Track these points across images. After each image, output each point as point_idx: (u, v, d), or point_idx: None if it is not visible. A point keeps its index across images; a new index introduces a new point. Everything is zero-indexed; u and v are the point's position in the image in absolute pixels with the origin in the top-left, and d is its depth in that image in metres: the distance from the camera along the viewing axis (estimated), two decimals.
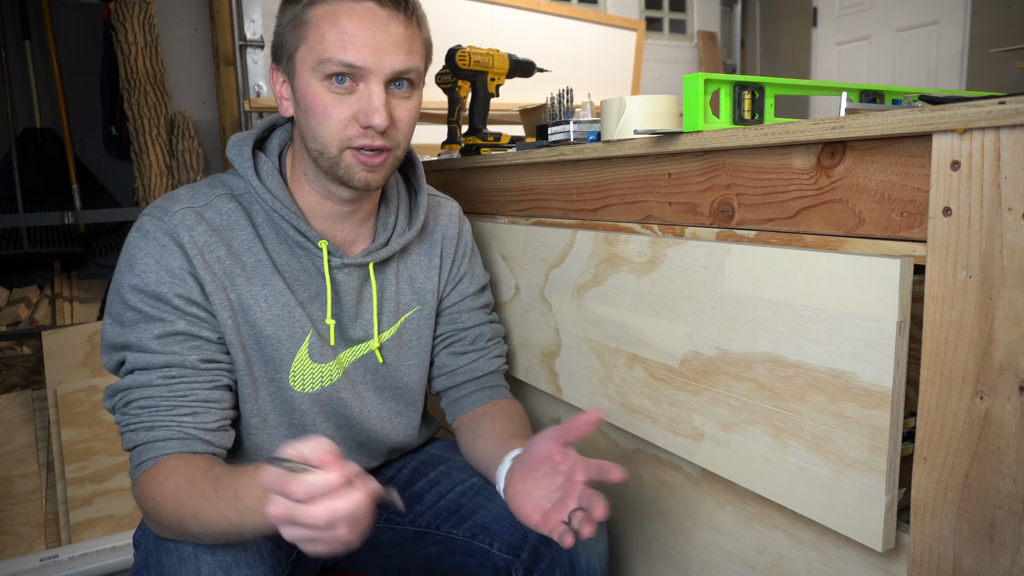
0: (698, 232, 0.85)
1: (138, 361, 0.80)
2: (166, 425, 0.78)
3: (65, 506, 1.81)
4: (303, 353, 0.89)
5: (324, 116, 0.80)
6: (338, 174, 0.83)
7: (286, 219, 0.86)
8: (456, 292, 1.04)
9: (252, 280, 0.85)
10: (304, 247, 0.88)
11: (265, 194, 0.85)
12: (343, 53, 0.78)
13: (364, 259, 0.92)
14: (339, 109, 0.80)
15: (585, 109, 1.43)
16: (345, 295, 0.92)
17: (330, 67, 0.78)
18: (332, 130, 0.81)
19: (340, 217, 0.91)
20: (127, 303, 0.80)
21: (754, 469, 0.76)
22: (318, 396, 0.91)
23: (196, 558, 0.73)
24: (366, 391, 0.96)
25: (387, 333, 0.96)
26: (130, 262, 0.81)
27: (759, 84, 0.83)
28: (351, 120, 0.80)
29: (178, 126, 2.76)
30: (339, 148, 0.81)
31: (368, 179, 0.83)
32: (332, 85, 0.80)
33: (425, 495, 1.00)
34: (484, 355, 1.05)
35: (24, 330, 2.28)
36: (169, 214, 0.82)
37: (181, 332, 0.81)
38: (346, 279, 0.92)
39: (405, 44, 0.81)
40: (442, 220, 1.03)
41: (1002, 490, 0.57)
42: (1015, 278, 0.54)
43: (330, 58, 0.78)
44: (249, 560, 0.75)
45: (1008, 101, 0.52)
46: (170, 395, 0.79)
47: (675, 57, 4.87)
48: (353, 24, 0.78)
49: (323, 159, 0.83)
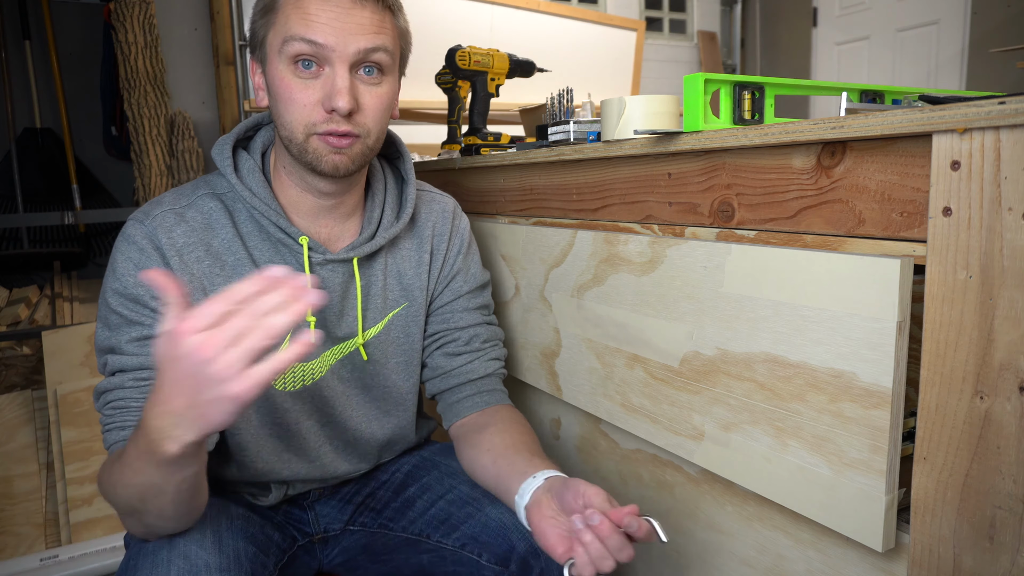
0: (698, 232, 0.85)
1: (117, 363, 0.80)
2: (135, 426, 0.78)
3: (65, 506, 1.81)
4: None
5: (290, 101, 0.80)
6: (307, 160, 0.82)
7: (266, 216, 0.85)
8: (449, 290, 1.02)
9: (232, 280, 0.85)
10: (286, 244, 0.87)
11: (245, 191, 0.85)
12: (306, 31, 0.77)
13: (348, 254, 0.90)
14: (305, 94, 0.79)
15: (585, 109, 1.43)
16: (329, 292, 0.91)
17: (293, 45, 0.78)
18: (298, 115, 0.80)
19: (322, 211, 0.90)
20: (110, 307, 0.81)
21: (754, 469, 0.76)
22: (300, 394, 0.91)
23: (168, 563, 0.73)
24: (351, 390, 0.95)
25: (373, 330, 0.95)
26: (113, 266, 0.82)
27: (759, 84, 0.83)
28: (316, 105, 0.79)
29: (178, 126, 2.76)
30: (305, 134, 0.81)
31: (336, 162, 0.82)
32: (298, 70, 0.79)
33: (417, 501, 0.99)
34: (480, 357, 1.02)
35: (24, 330, 2.28)
36: (150, 217, 0.83)
37: (157, 335, 0.81)
38: (330, 275, 0.90)
39: (372, 27, 0.79)
40: (434, 215, 1.01)
41: (1002, 490, 0.57)
42: (1015, 278, 0.54)
43: (293, 35, 0.78)
44: (222, 564, 0.74)
45: (1008, 101, 0.52)
46: (140, 396, 0.79)
47: (675, 57, 4.87)
48: (317, 6, 0.78)
49: (292, 145, 0.82)
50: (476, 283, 1.04)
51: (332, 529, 1.02)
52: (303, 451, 0.94)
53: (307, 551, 1.00)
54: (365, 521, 1.02)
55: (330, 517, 1.02)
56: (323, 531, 1.02)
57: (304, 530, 1.00)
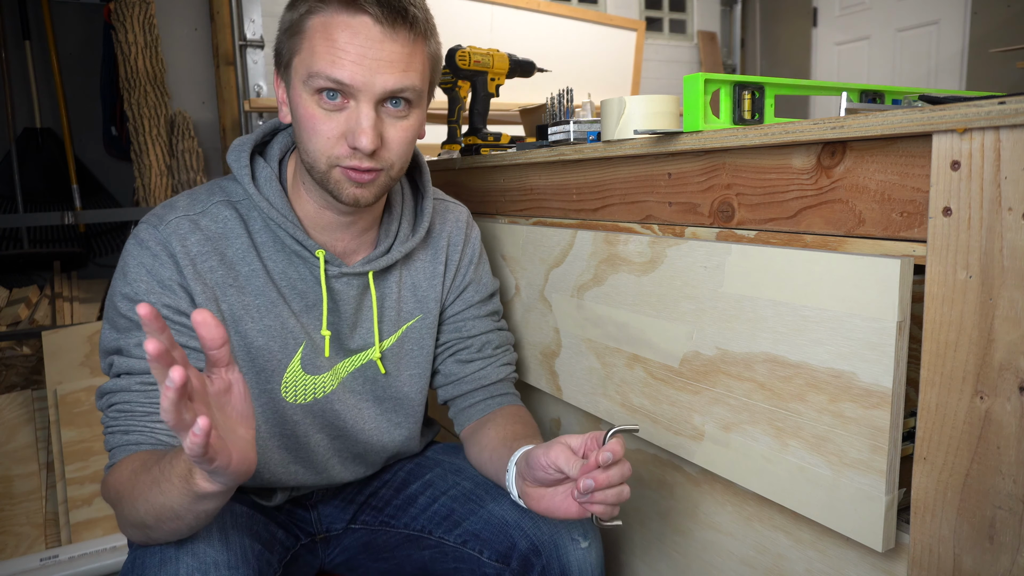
0: (698, 232, 0.85)
1: (123, 366, 0.80)
2: (139, 430, 0.78)
3: (65, 506, 1.81)
4: (295, 364, 0.88)
5: (313, 132, 0.78)
6: (328, 188, 0.81)
7: (283, 228, 0.84)
8: (461, 300, 1.01)
9: (244, 290, 0.84)
10: (302, 256, 0.87)
11: (262, 202, 0.84)
12: (331, 69, 0.75)
13: (363, 268, 0.90)
14: (328, 126, 0.77)
15: (585, 109, 1.43)
16: (344, 304, 0.90)
17: (319, 82, 0.76)
18: (321, 146, 0.78)
19: (340, 227, 0.88)
20: (118, 310, 0.81)
21: (754, 469, 0.76)
22: (310, 407, 0.90)
23: (176, 560, 0.73)
24: (363, 402, 0.94)
25: (387, 342, 0.95)
26: (124, 270, 0.82)
27: (759, 84, 0.83)
28: (340, 138, 0.78)
29: (178, 126, 2.76)
30: (328, 165, 0.79)
31: (357, 195, 0.81)
32: (322, 100, 0.77)
33: (419, 497, 0.99)
34: (492, 363, 1.02)
35: (24, 330, 2.28)
36: (164, 223, 0.82)
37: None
38: (345, 288, 0.90)
39: (401, 62, 0.77)
40: (448, 225, 1.01)
41: (1002, 490, 0.57)
42: (1015, 278, 0.54)
43: (318, 72, 0.75)
44: (230, 561, 0.74)
45: (1008, 101, 0.52)
46: (146, 401, 0.79)
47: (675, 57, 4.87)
48: (346, 39, 0.75)
49: (315, 172, 0.81)
50: (487, 292, 1.04)
51: (334, 529, 1.02)
52: (310, 462, 0.94)
53: (309, 550, 1.00)
54: (367, 520, 1.02)
55: (333, 517, 1.02)
56: (325, 531, 1.02)
57: (307, 529, 1.00)
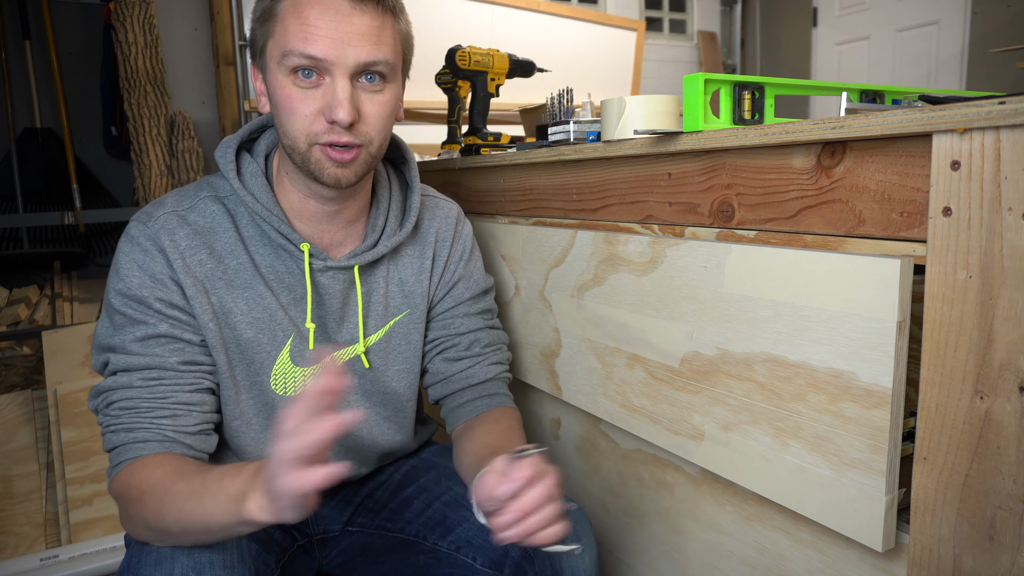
0: (698, 232, 0.85)
1: (120, 363, 0.80)
2: (145, 427, 0.78)
3: (65, 506, 1.81)
4: (284, 357, 0.88)
5: (291, 111, 0.79)
6: (309, 169, 0.81)
7: (268, 222, 0.85)
8: (450, 297, 1.01)
9: (233, 284, 0.85)
10: (287, 249, 0.87)
11: (247, 196, 0.85)
12: (304, 45, 0.76)
13: (348, 262, 0.90)
14: (305, 104, 0.78)
15: (585, 109, 1.43)
16: (329, 298, 0.90)
17: (293, 59, 0.77)
18: (299, 125, 0.79)
19: (325, 218, 0.89)
20: (113, 307, 0.81)
21: (754, 469, 0.76)
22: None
23: (172, 559, 0.73)
24: (352, 396, 0.94)
25: (373, 337, 0.95)
26: (116, 267, 0.82)
27: (759, 84, 0.83)
28: (317, 115, 0.79)
29: (178, 126, 2.76)
30: (307, 144, 0.80)
31: (338, 175, 0.81)
32: (298, 79, 0.78)
33: (413, 502, 0.99)
34: (480, 362, 1.01)
35: (24, 330, 2.28)
36: (153, 219, 0.83)
37: (163, 335, 0.81)
38: (330, 282, 0.90)
39: (372, 35, 0.78)
40: (437, 221, 1.00)
41: (1002, 490, 0.57)
42: (1015, 278, 0.54)
43: (292, 49, 0.77)
44: (226, 561, 0.74)
45: (1008, 101, 0.52)
46: (150, 396, 0.79)
47: (675, 57, 4.87)
48: (316, 15, 0.76)
49: (295, 154, 0.81)
50: (478, 289, 1.04)
51: (331, 530, 1.02)
52: None
53: (306, 551, 1.00)
54: (363, 522, 1.02)
55: (329, 518, 1.02)
56: (322, 532, 1.02)
57: (303, 530, 1.00)
